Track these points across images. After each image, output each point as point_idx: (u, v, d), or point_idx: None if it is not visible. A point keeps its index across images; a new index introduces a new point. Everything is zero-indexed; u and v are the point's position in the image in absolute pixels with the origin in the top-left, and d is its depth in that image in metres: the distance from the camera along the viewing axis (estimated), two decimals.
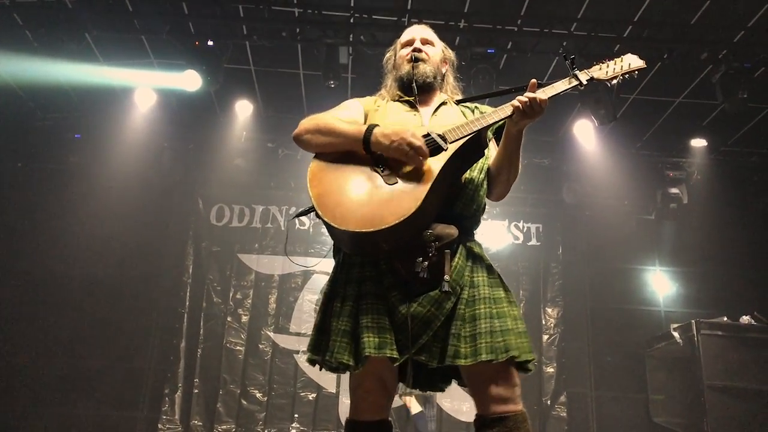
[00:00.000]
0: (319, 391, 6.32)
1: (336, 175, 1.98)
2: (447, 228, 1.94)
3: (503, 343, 1.88)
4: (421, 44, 2.31)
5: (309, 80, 6.45)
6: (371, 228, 1.81)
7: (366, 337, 1.84)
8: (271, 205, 7.10)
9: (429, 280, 1.86)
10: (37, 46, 5.72)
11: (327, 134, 2.04)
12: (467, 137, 1.98)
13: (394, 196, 1.88)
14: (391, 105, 2.25)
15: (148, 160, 6.83)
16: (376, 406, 1.97)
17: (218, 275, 6.78)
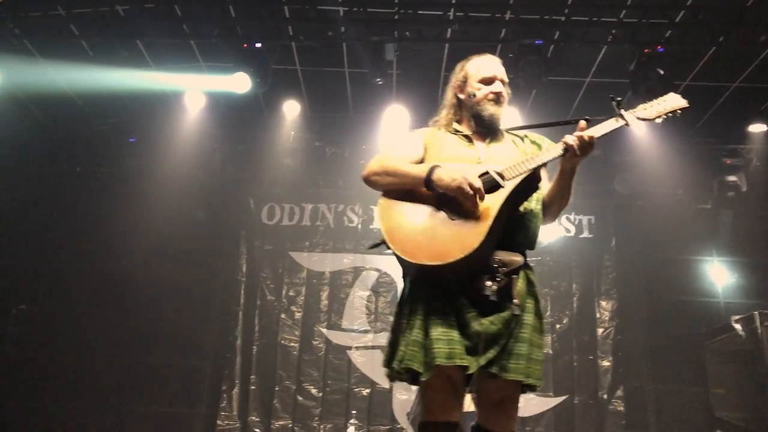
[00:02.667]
0: (373, 387, 6.36)
1: (403, 211, 2.18)
2: (512, 255, 2.13)
3: (537, 371, 2.12)
4: (502, 85, 2.40)
5: (354, 78, 6.49)
6: (439, 261, 2.03)
7: (437, 348, 2.00)
8: (320, 203, 7.17)
9: (497, 302, 2.06)
10: (93, 54, 5.91)
11: (392, 175, 2.22)
12: (525, 174, 2.14)
13: (459, 232, 2.08)
14: (449, 138, 2.37)
15: (200, 162, 6.99)
16: (446, 408, 2.07)
17: (271, 273, 6.89)
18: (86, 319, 6.58)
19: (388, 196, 2.23)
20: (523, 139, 2.41)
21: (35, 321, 6.66)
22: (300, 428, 6.29)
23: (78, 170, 7.18)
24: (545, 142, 2.37)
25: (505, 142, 2.37)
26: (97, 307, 6.62)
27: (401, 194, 2.21)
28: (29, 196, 6.91)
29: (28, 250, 6.78)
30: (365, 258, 6.89)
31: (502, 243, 2.13)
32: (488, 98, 2.35)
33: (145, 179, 6.86)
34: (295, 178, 7.16)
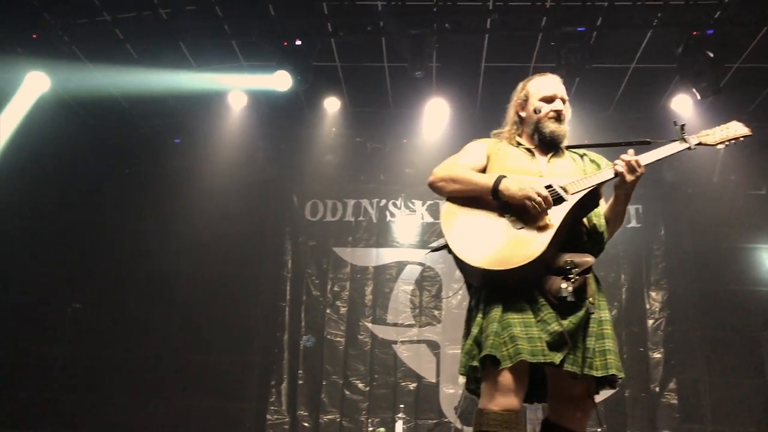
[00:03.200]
0: (420, 381, 6.36)
1: (467, 218, 2.29)
2: (583, 256, 2.20)
3: (616, 363, 2.16)
4: (562, 104, 2.48)
5: (394, 73, 6.47)
6: (500, 267, 2.12)
7: (521, 345, 2.06)
8: (362, 198, 7.19)
9: (572, 301, 2.13)
10: (137, 57, 6.04)
11: (459, 183, 2.33)
12: (586, 190, 2.25)
13: (521, 240, 2.18)
14: (511, 150, 2.46)
15: (243, 160, 7.08)
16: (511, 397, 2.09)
17: (315, 269, 6.95)
18: (137, 317, 6.75)
19: (452, 202, 2.34)
20: (582, 157, 2.51)
21: (89, 319, 6.86)
22: (348, 422, 6.34)
23: (127, 171, 7.36)
24: (603, 161, 2.47)
25: (565, 159, 2.47)
26: (147, 305, 6.78)
27: (466, 201, 2.31)
28: (81, 198, 7.11)
29: (82, 250, 6.98)
30: (408, 252, 6.90)
31: (570, 249, 2.22)
32: (549, 116, 2.44)
33: (191, 179, 6.99)
34: (337, 174, 7.19)
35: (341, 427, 6.32)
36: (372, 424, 6.25)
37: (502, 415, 2.04)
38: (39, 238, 6.81)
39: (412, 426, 6.13)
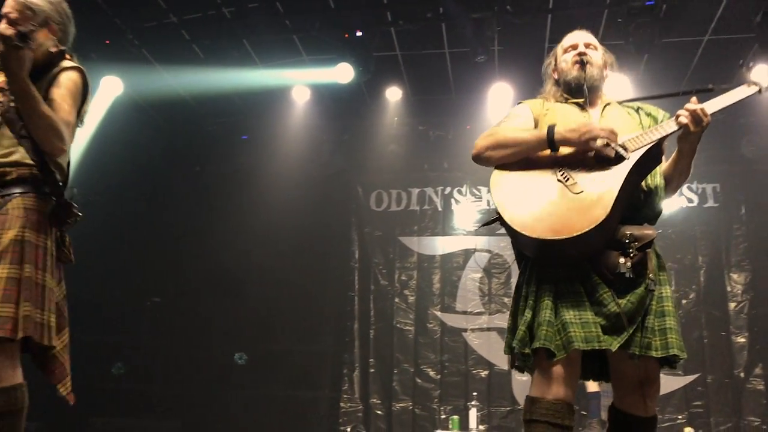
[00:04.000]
0: (491, 369, 6.32)
1: (519, 184, 2.10)
2: (644, 229, 2.04)
3: (677, 342, 2.00)
4: (585, 48, 2.33)
5: (455, 58, 6.40)
6: (559, 236, 1.93)
7: (573, 332, 1.93)
8: (427, 187, 7.17)
9: (631, 279, 1.97)
10: (204, 57, 6.20)
11: (507, 146, 2.14)
12: (648, 146, 2.06)
13: (582, 205, 1.98)
14: (559, 107, 2.30)
15: (308, 154, 7.18)
16: (563, 387, 1.99)
17: (382, 258, 6.99)
18: (211, 310, 6.96)
19: (501, 168, 2.16)
20: (638, 111, 2.33)
21: (166, 312, 7.12)
22: (420, 410, 6.36)
23: (197, 169, 7.58)
24: (660, 113, 2.29)
25: (620, 113, 2.29)
26: (221, 297, 6.97)
27: (516, 166, 2.14)
28: (155, 196, 7.38)
29: (158, 247, 7.25)
30: (476, 240, 6.83)
31: (626, 217, 2.05)
32: (572, 62, 2.32)
33: (258, 174, 7.14)
34: (401, 164, 7.20)
35: (414, 415, 6.35)
36: (444, 412, 6.25)
37: (555, 405, 1.94)
38: (119, 236, 7.11)
39: (485, 414, 6.09)
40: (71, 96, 2.23)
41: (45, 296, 2.12)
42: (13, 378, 2.04)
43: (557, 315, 1.98)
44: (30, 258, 2.11)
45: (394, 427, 6.35)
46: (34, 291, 2.09)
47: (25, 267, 2.08)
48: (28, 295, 2.06)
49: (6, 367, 2.02)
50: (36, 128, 2.13)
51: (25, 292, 2.06)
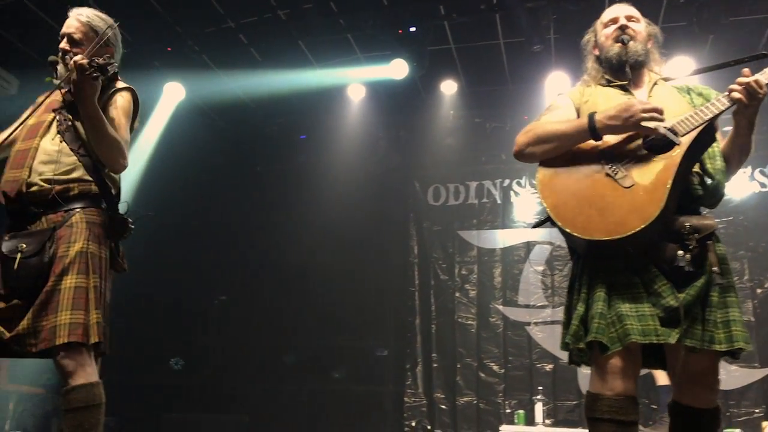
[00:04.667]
0: (556, 362, 6.22)
1: (568, 182, 2.01)
2: (704, 219, 1.94)
3: (742, 334, 1.91)
4: (627, 21, 2.21)
5: (510, 49, 6.33)
6: (616, 235, 1.85)
7: (629, 325, 1.86)
8: (485, 179, 7.10)
9: (691, 272, 1.89)
10: (261, 60, 6.34)
11: (548, 140, 2.05)
12: (699, 128, 1.93)
13: (634, 200, 1.88)
14: (601, 92, 2.18)
15: (365, 151, 7.25)
16: (624, 381, 1.92)
17: (442, 253, 6.97)
18: (275, 306, 7.11)
19: (546, 166, 2.08)
20: (688, 91, 2.19)
21: (233, 309, 7.32)
22: (485, 404, 6.32)
23: (258, 169, 7.75)
24: (712, 94, 2.12)
25: (668, 93, 2.16)
26: (284, 294, 7.11)
27: (561, 162, 2.05)
28: (218, 198, 7.58)
29: (225, 246, 7.46)
30: (536, 232, 6.71)
31: (684, 206, 1.96)
32: (612, 38, 2.21)
33: (317, 172, 7.25)
34: (458, 157, 7.16)
35: (478, 409, 6.32)
36: (509, 406, 6.20)
37: (616, 401, 1.88)
38: (185, 238, 7.35)
39: (551, 408, 6.01)
40: (125, 116, 2.39)
41: (103, 303, 2.27)
42: (90, 376, 2.17)
43: (611, 307, 1.91)
44: (95, 268, 2.25)
45: (458, 422, 6.33)
46: (99, 299, 2.24)
47: (92, 277, 2.23)
48: (98, 303, 2.21)
49: (83, 367, 2.16)
50: (103, 148, 2.28)
51: (94, 301, 2.20)
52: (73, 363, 2.14)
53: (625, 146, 2.00)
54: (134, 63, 6.13)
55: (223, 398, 6.87)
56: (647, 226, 1.84)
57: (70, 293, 2.17)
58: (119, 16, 5.91)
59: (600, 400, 1.90)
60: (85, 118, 2.22)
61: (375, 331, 6.92)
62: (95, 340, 2.17)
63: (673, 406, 2.11)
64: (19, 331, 2.14)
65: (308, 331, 6.99)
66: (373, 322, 6.93)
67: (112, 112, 2.36)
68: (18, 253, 2.20)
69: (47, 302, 2.17)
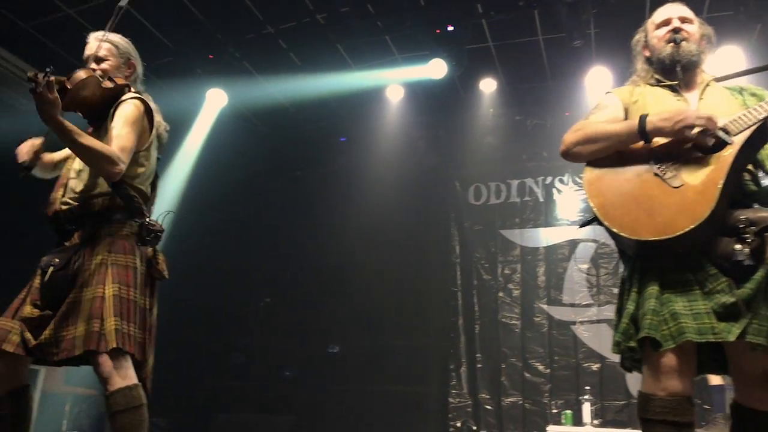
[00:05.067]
0: (603, 362, 6.11)
1: (615, 182, 1.99)
2: (759, 212, 1.88)
3: None
4: (680, 23, 2.17)
5: (549, 45, 6.26)
6: (664, 236, 1.83)
7: (685, 323, 1.81)
8: (527, 177, 7.02)
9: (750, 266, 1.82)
10: (300, 64, 6.41)
11: (597, 140, 2.03)
12: (753, 127, 1.89)
13: (684, 200, 1.86)
14: (650, 92, 2.15)
15: (404, 151, 7.26)
16: (679, 380, 1.86)
17: (484, 252, 6.92)
18: (319, 308, 7.17)
19: (594, 166, 2.05)
20: (741, 92, 2.14)
21: (278, 312, 7.41)
22: (531, 405, 6.26)
23: (299, 173, 7.84)
24: (766, 94, 2.09)
25: (721, 95, 2.12)
26: (328, 296, 7.17)
27: (608, 161, 2.02)
28: (261, 201, 7.70)
29: (269, 249, 7.57)
30: (580, 230, 6.60)
31: (737, 201, 1.91)
32: (664, 40, 2.16)
33: (357, 174, 7.30)
34: (498, 156, 7.11)
35: (524, 410, 6.26)
36: (556, 407, 6.12)
37: (670, 402, 1.81)
38: (230, 241, 7.49)
39: (598, 408, 5.91)
40: (126, 123, 2.40)
41: (132, 310, 2.31)
42: (126, 380, 2.24)
43: (664, 305, 1.86)
44: (116, 277, 2.30)
45: (504, 422, 6.28)
46: (120, 306, 2.28)
47: (111, 285, 2.28)
48: (116, 311, 2.25)
49: (117, 371, 2.23)
50: (84, 159, 2.34)
51: (111, 308, 2.25)
52: (106, 369, 2.21)
53: (675, 146, 1.96)
54: (177, 71, 6.31)
55: (269, 399, 6.97)
56: (697, 226, 1.80)
57: (88, 304, 2.26)
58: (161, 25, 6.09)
59: (653, 401, 1.85)
60: (54, 132, 2.27)
61: (417, 332, 6.91)
62: (112, 346, 2.20)
63: (735, 408, 2.03)
64: (42, 340, 2.24)
65: (352, 332, 7.03)
66: (416, 322, 6.93)
67: (114, 121, 2.41)
68: (50, 267, 2.34)
69: (68, 314, 2.26)
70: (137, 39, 2.78)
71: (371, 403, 6.72)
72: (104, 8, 5.44)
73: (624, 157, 2.01)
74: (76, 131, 2.26)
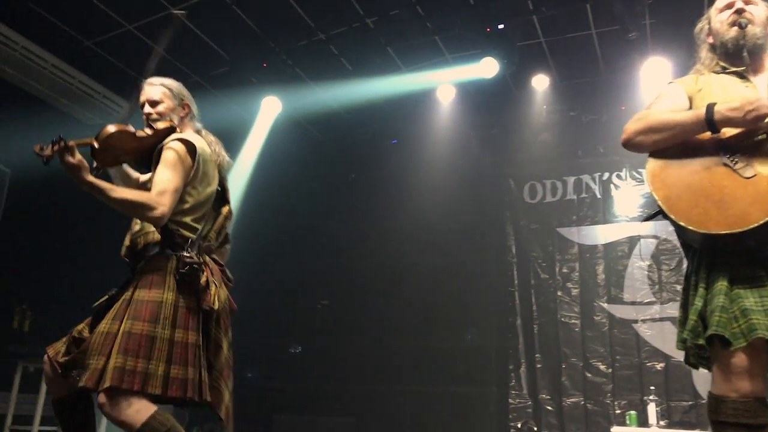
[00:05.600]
0: (668, 361, 5.94)
1: (681, 173, 1.90)
2: None
3: None
4: (743, 4, 2.08)
5: (602, 38, 6.14)
6: (737, 228, 1.74)
7: (756, 319, 1.74)
8: (583, 174, 6.89)
9: None
10: (351, 69, 6.48)
11: (660, 130, 1.95)
12: None
13: (757, 191, 1.77)
14: (715, 80, 2.07)
15: (457, 151, 7.24)
16: (751, 381, 1.79)
17: (541, 251, 6.83)
18: (376, 310, 7.22)
19: (657, 157, 1.97)
20: None
21: (335, 313, 7.50)
22: (593, 405, 6.14)
23: (352, 176, 7.91)
24: None
25: None
26: (382, 297, 7.22)
27: (673, 152, 1.95)
28: (316, 206, 7.81)
29: (325, 252, 7.67)
30: (640, 226, 6.46)
31: None
32: (728, 23, 2.08)
33: (411, 176, 7.32)
34: (553, 153, 7.01)
35: (586, 410, 6.15)
36: (619, 407, 5.99)
37: (743, 403, 1.74)
38: (288, 246, 7.64)
39: (664, 408, 5.75)
40: (167, 167, 2.43)
41: (145, 345, 2.26)
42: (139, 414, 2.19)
43: (733, 302, 1.79)
44: (131, 314, 2.30)
45: (566, 423, 6.18)
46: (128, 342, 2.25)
47: (126, 321, 2.28)
48: (126, 347, 2.23)
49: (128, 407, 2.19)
50: (122, 210, 2.37)
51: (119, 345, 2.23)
52: (105, 409, 2.20)
53: (745, 135, 1.88)
54: (233, 81, 6.47)
55: (329, 401, 7.06)
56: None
57: (100, 338, 2.28)
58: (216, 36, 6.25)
59: (724, 403, 1.79)
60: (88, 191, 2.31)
61: (475, 332, 6.88)
62: (105, 385, 2.16)
63: None
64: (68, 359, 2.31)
65: (409, 333, 7.05)
66: (473, 323, 6.90)
67: (158, 166, 2.46)
68: (104, 297, 2.48)
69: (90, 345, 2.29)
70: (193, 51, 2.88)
71: (430, 404, 6.72)
72: (162, 23, 5.66)
73: (689, 147, 1.93)
74: (108, 188, 2.30)
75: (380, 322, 7.18)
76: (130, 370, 2.20)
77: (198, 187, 2.53)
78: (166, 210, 2.35)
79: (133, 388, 2.19)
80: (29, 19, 5.59)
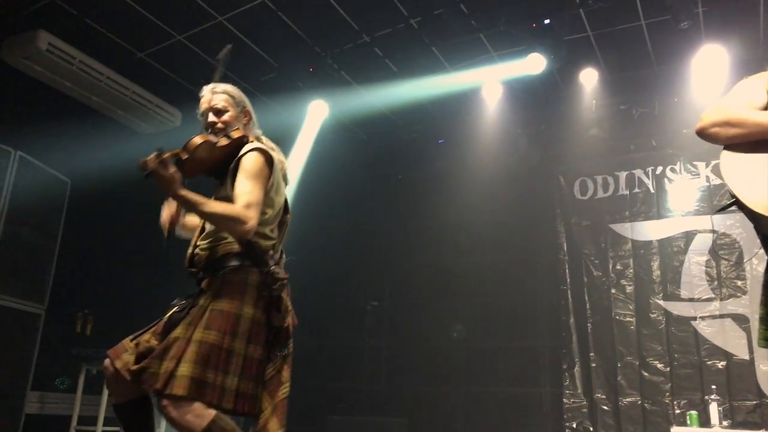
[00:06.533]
0: (729, 359, 5.75)
1: (756, 164, 1.92)
2: None
3: None
4: None
5: (652, 29, 5.98)
6: None
7: None
8: (635, 168, 6.74)
9: None
10: (396, 70, 6.49)
11: (738, 125, 1.96)
12: None
13: None
14: None
15: (505, 149, 7.17)
16: None
17: (593, 248, 6.71)
18: (425, 310, 7.23)
19: (732, 150, 1.99)
20: None
21: (385, 315, 7.54)
22: (650, 405, 5.99)
23: (400, 177, 7.94)
24: None
25: None
26: (432, 298, 7.22)
27: (748, 147, 1.96)
28: (364, 207, 7.86)
29: (375, 253, 7.72)
30: (696, 220, 6.28)
31: None
32: None
33: (458, 175, 7.29)
34: (604, 147, 6.87)
35: (644, 410, 6.00)
36: (678, 407, 5.82)
37: None
38: (337, 248, 7.70)
39: (726, 408, 5.56)
40: (249, 177, 2.40)
41: (222, 358, 2.27)
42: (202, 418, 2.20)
43: None
44: (211, 324, 2.30)
45: (623, 423, 6.04)
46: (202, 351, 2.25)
47: (199, 330, 2.29)
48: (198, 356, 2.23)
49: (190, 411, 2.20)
50: (212, 223, 2.39)
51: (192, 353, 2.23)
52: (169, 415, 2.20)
53: None
54: (280, 86, 6.58)
55: (381, 401, 7.09)
56: None
57: (172, 343, 2.29)
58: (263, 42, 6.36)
59: None
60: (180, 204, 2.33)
61: (528, 332, 6.80)
62: (174, 392, 2.16)
63: None
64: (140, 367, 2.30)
65: (460, 332, 7.02)
66: (526, 322, 6.83)
67: (238, 176, 2.43)
68: (173, 307, 2.46)
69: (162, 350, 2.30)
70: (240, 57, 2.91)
71: (483, 405, 6.68)
72: (210, 33, 5.80)
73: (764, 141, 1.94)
74: (199, 201, 2.31)
75: (431, 322, 7.17)
76: (209, 384, 2.22)
77: (274, 197, 2.53)
78: (255, 223, 2.33)
79: (212, 402, 2.21)
80: (85, 34, 5.81)
